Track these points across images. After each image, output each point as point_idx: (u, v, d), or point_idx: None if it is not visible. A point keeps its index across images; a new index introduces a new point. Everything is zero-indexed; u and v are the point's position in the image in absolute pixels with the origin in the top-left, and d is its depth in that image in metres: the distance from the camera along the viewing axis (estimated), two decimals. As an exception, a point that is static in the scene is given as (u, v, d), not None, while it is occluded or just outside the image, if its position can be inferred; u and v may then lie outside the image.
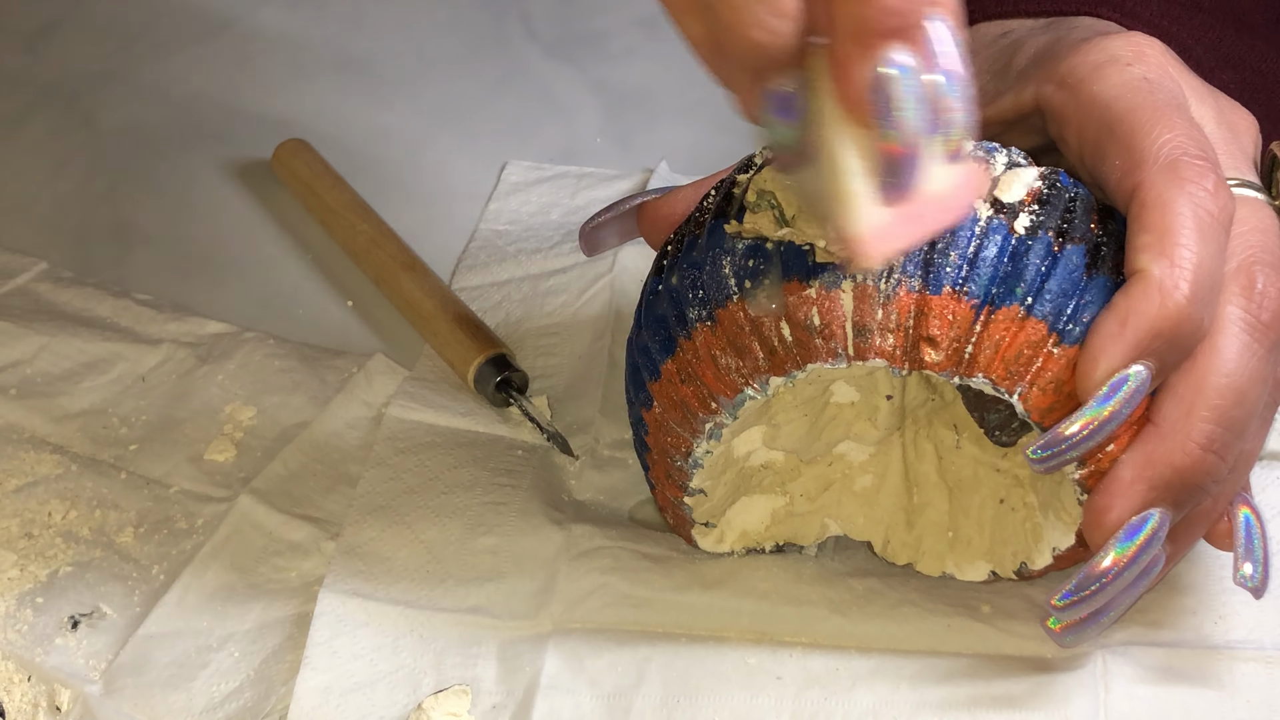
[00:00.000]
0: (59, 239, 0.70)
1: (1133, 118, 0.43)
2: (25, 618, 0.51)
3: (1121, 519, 0.41)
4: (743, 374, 0.44)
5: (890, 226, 0.37)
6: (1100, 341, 0.41)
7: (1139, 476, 0.41)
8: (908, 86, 0.35)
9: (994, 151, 0.44)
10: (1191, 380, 0.41)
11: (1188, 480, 0.41)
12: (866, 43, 0.34)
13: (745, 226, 0.44)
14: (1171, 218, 0.41)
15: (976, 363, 0.42)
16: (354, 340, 0.64)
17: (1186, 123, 0.43)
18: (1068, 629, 0.43)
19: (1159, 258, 0.40)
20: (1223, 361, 0.41)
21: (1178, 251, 0.40)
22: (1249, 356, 0.41)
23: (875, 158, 0.36)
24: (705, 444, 0.46)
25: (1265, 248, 0.43)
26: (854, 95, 0.35)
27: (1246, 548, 0.44)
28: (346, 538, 0.52)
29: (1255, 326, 0.42)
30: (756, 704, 0.45)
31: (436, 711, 0.46)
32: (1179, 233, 0.41)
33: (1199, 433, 0.41)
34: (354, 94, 0.79)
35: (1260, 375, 0.42)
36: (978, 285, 0.42)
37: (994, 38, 0.51)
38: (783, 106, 0.37)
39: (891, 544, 0.50)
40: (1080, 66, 0.45)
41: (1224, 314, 0.42)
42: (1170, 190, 0.41)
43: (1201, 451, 0.41)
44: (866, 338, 0.42)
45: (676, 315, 0.45)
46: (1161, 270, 0.40)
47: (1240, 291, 0.42)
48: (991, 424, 0.49)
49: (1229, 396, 0.41)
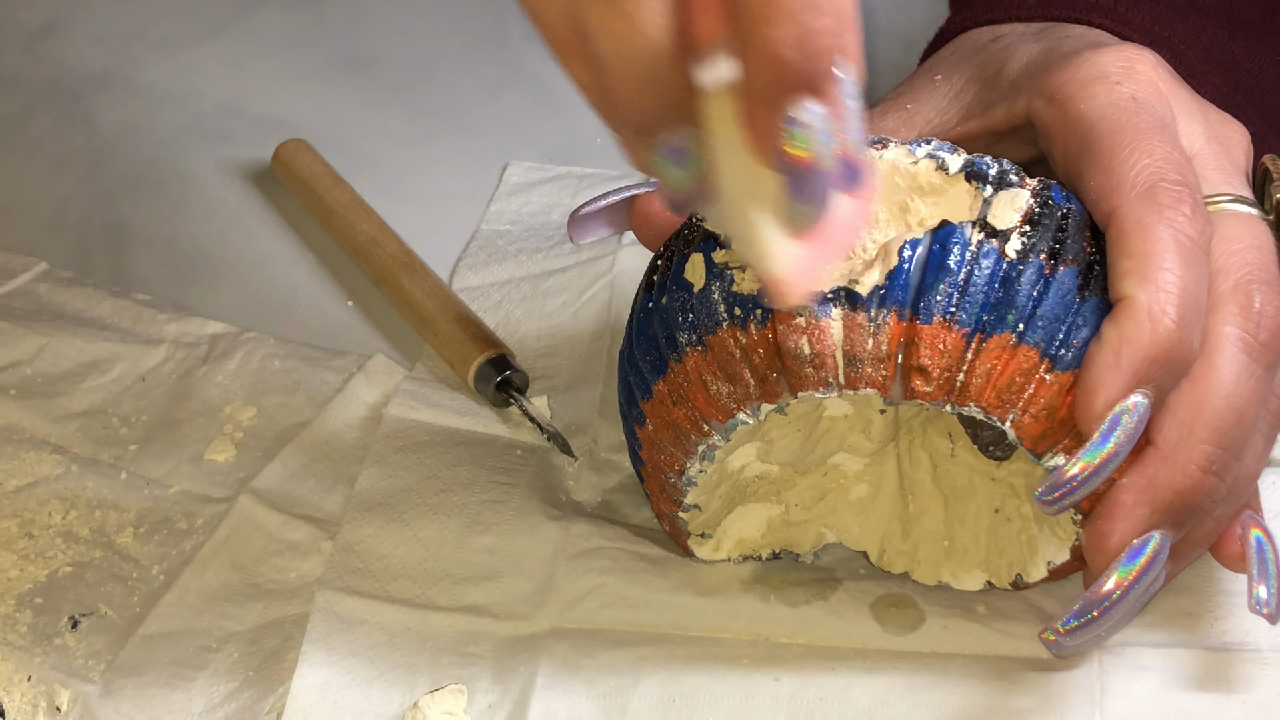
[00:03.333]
0: (59, 239, 0.70)
1: (1112, 140, 0.43)
2: (25, 618, 0.51)
3: (1124, 543, 0.41)
4: (735, 399, 0.43)
5: (806, 262, 0.37)
6: (1097, 374, 0.41)
7: (1140, 500, 0.41)
8: (821, 133, 0.35)
9: (985, 168, 0.44)
10: (1190, 401, 0.41)
11: (1188, 502, 0.41)
12: (778, 94, 0.34)
13: (732, 254, 0.44)
14: (1152, 243, 0.41)
15: (968, 391, 0.42)
16: (354, 340, 0.64)
17: (1167, 146, 0.43)
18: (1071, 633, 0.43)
19: (1144, 283, 0.40)
20: (1221, 382, 0.41)
21: (1161, 276, 0.40)
22: (1247, 377, 0.41)
23: (784, 200, 0.36)
24: (698, 464, 0.46)
25: (1261, 265, 0.43)
26: (766, 143, 0.35)
27: (1261, 571, 0.43)
28: (344, 535, 0.52)
29: (1253, 346, 0.42)
30: (752, 705, 0.45)
31: (433, 710, 0.46)
32: (1161, 257, 0.41)
33: (1199, 454, 0.41)
34: (354, 94, 0.79)
35: (1258, 395, 0.42)
36: (969, 314, 0.41)
37: (984, 43, 0.51)
38: (674, 153, 0.37)
39: (887, 553, 0.50)
40: (1069, 83, 0.45)
41: (1222, 334, 0.42)
42: (1149, 216, 0.41)
43: (1201, 474, 0.41)
44: (857, 367, 0.42)
45: (667, 337, 0.45)
46: (1148, 295, 0.40)
47: (1238, 311, 0.42)
48: (985, 440, 0.49)
49: (1228, 417, 0.41)
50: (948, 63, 0.51)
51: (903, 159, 0.44)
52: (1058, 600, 0.48)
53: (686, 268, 0.45)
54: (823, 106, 0.35)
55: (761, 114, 0.35)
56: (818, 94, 0.34)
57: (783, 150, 0.35)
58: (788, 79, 0.34)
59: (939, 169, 0.44)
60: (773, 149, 0.35)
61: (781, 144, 0.35)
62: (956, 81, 0.50)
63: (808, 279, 0.37)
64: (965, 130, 0.49)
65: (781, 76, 0.34)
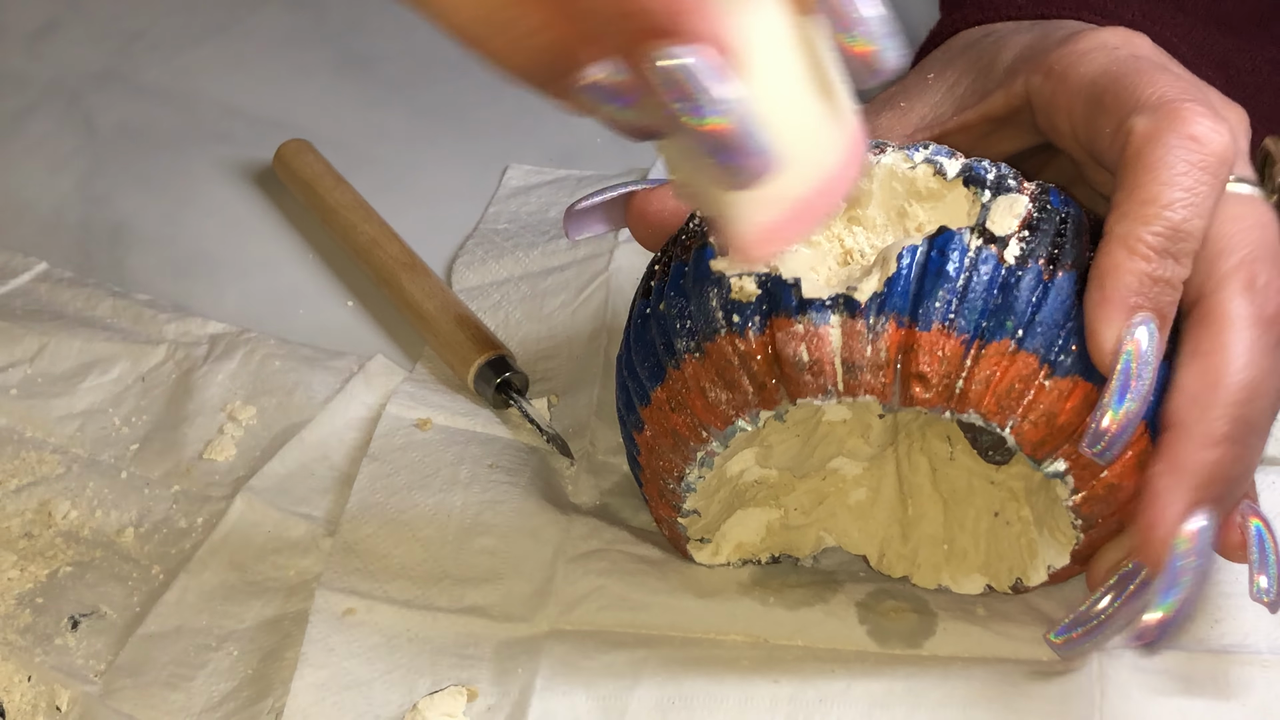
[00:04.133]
0: (59, 239, 0.70)
1: (1119, 83, 0.43)
2: (25, 618, 0.51)
3: (1172, 530, 0.41)
4: (733, 406, 0.43)
5: (774, 222, 0.35)
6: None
7: (1176, 482, 0.41)
8: (689, 73, 0.32)
9: (983, 173, 0.44)
10: (1205, 379, 0.41)
11: (1219, 475, 0.41)
12: (638, 42, 0.33)
13: (730, 262, 0.43)
14: (1158, 184, 0.41)
15: (967, 398, 0.42)
16: (354, 340, 0.64)
17: (1174, 76, 0.43)
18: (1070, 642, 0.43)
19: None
20: (1234, 357, 0.41)
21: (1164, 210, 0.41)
22: (1258, 351, 0.41)
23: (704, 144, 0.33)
24: (697, 470, 0.45)
25: (1265, 243, 0.43)
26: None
27: (1261, 561, 0.43)
28: (343, 534, 0.52)
29: (1261, 321, 0.42)
30: (751, 707, 0.45)
31: (432, 712, 0.46)
32: (1167, 192, 0.41)
33: (1220, 428, 0.41)
34: (354, 94, 0.79)
35: (1272, 368, 0.42)
36: (967, 320, 0.41)
37: (976, 39, 0.51)
38: (608, 94, 0.35)
39: (887, 557, 0.50)
40: (1068, 55, 0.45)
41: (1230, 310, 0.42)
42: (1164, 134, 0.41)
43: (1228, 444, 0.41)
44: (856, 374, 0.42)
45: (665, 344, 0.45)
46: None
47: (1243, 287, 0.42)
48: (984, 444, 0.48)
49: (1244, 392, 0.41)
50: (940, 61, 0.51)
51: (900, 164, 0.44)
52: (1057, 603, 0.48)
53: (684, 274, 0.45)
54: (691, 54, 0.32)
55: (643, 71, 0.33)
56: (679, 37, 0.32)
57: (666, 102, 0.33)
58: (641, 23, 0.32)
59: (937, 174, 0.44)
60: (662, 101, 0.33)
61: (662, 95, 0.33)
62: (950, 76, 0.50)
63: (773, 240, 0.36)
64: (962, 120, 0.49)
65: (635, 20, 0.32)
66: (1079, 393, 0.42)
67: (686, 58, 0.32)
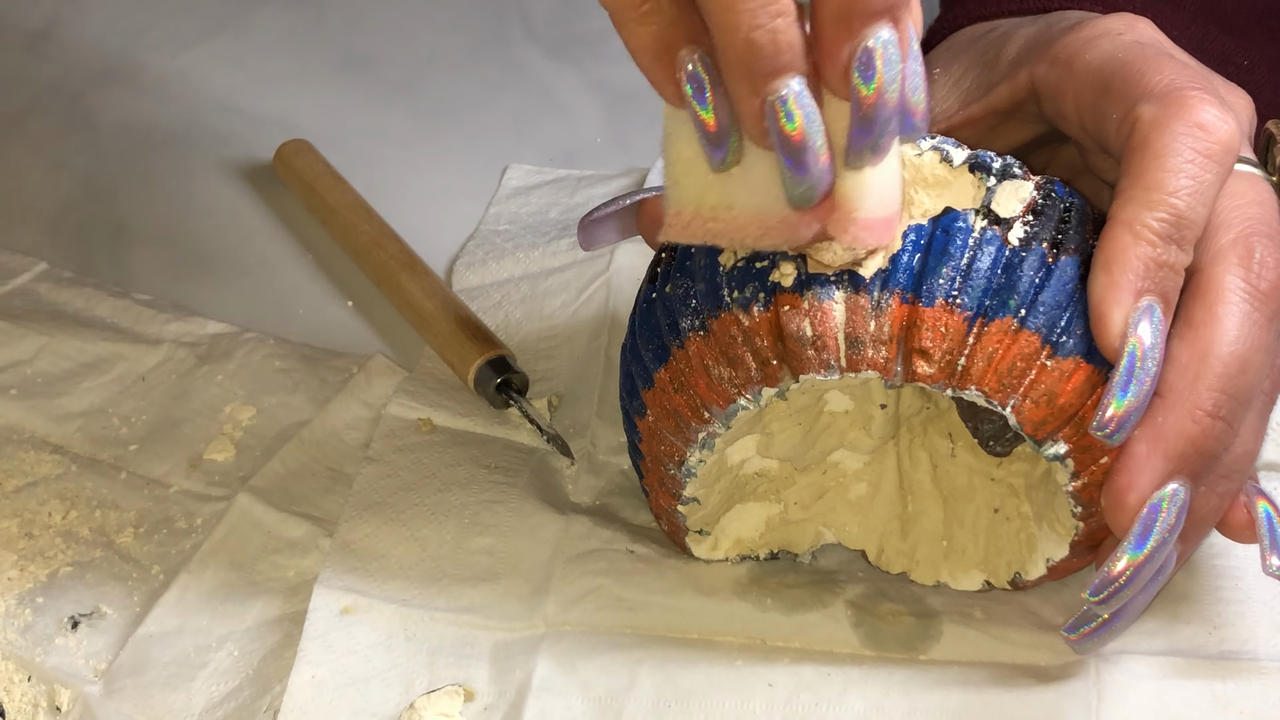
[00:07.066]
0: (59, 239, 0.70)
1: (1126, 70, 0.43)
2: (25, 618, 0.51)
3: (1143, 497, 0.41)
4: (735, 384, 0.44)
5: (880, 208, 0.40)
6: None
7: (1153, 449, 0.41)
8: (889, 56, 0.37)
9: (989, 161, 0.44)
10: (1195, 350, 0.41)
11: (1200, 448, 0.41)
12: (852, 22, 0.37)
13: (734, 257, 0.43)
14: (1164, 171, 0.41)
15: (969, 375, 0.42)
16: (354, 340, 0.64)
17: (1180, 63, 0.43)
18: (1086, 635, 0.43)
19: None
20: (1225, 329, 0.41)
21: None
22: (1250, 325, 0.41)
23: (851, 143, 0.38)
24: (698, 453, 0.46)
25: (1263, 220, 0.43)
26: (838, 68, 0.37)
27: (1272, 540, 0.43)
28: (342, 533, 0.52)
29: (1255, 295, 0.42)
30: (748, 709, 0.45)
31: (429, 711, 0.46)
32: (1174, 176, 0.41)
33: (1207, 400, 0.41)
34: (354, 94, 0.79)
35: (1263, 343, 0.42)
36: (971, 297, 0.42)
37: (980, 34, 0.51)
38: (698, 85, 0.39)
39: (886, 553, 0.50)
40: (1073, 42, 0.45)
41: (1224, 283, 0.42)
42: (1171, 121, 0.42)
43: (1211, 419, 0.41)
44: (859, 349, 0.42)
45: (669, 324, 0.45)
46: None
47: (1239, 261, 0.42)
48: (985, 434, 0.49)
49: (1234, 364, 0.41)
50: (944, 58, 0.51)
51: (907, 151, 0.45)
52: (1055, 608, 0.48)
53: (691, 256, 0.45)
54: (894, 33, 0.37)
55: (834, 38, 0.37)
56: (892, 19, 0.36)
57: (850, 74, 0.37)
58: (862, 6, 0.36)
59: (943, 161, 0.44)
60: (842, 73, 0.37)
61: (851, 74, 0.37)
62: (955, 71, 0.50)
63: (883, 227, 0.40)
64: (967, 114, 0.49)
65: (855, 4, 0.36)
66: (1080, 374, 0.42)
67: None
